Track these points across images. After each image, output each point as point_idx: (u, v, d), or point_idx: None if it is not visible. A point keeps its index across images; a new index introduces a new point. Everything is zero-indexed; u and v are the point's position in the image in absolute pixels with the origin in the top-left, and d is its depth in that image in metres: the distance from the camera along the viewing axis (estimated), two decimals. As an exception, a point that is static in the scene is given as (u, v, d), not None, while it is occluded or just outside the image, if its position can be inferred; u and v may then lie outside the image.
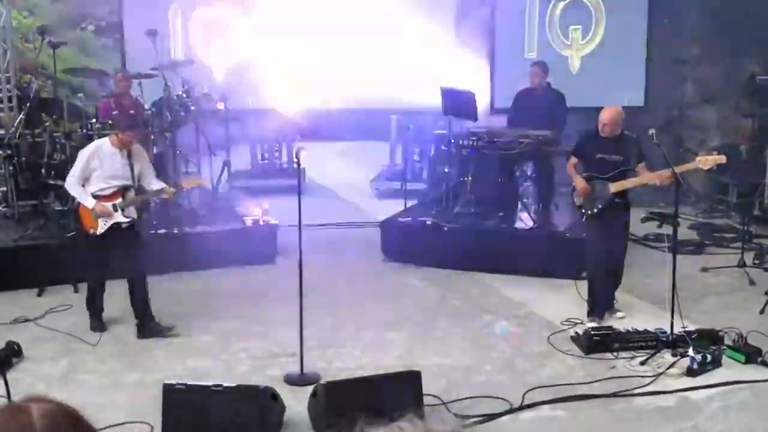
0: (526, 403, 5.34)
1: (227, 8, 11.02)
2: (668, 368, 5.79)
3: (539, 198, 9.00)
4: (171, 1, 11.03)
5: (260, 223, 8.63)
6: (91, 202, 6.37)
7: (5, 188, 9.05)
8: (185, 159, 9.21)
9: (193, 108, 8.86)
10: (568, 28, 10.94)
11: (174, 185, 7.16)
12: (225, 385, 4.91)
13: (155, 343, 6.45)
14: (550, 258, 7.93)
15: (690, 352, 5.81)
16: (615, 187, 6.61)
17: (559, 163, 8.22)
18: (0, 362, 5.66)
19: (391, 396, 4.88)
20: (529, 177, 9.32)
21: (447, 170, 9.16)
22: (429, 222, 8.67)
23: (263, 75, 10.90)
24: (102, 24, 14.75)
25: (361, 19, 11.24)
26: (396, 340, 6.51)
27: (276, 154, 12.03)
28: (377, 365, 5.94)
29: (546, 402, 5.37)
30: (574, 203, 6.98)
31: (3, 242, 7.96)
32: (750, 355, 5.91)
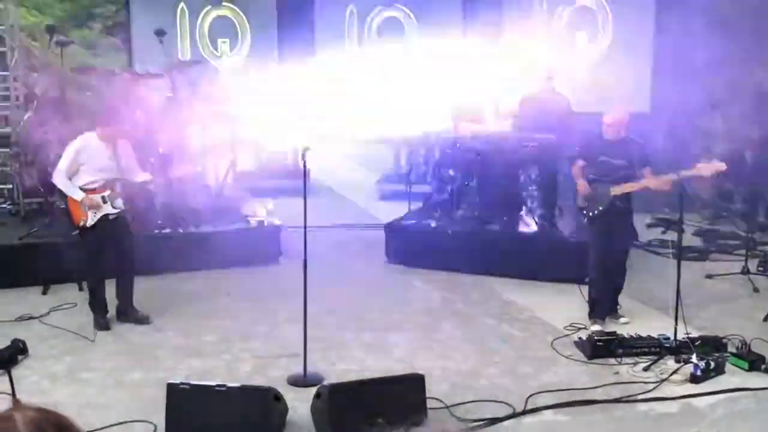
0: (529, 408, 5.34)
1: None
2: (671, 374, 5.78)
3: (543, 202, 9.00)
4: (179, 1, 11.05)
5: (264, 224, 8.64)
6: (80, 195, 6.53)
7: (11, 186, 9.10)
8: (190, 159, 9.21)
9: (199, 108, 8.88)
10: (574, 34, 10.95)
11: (166, 173, 7.49)
12: (228, 386, 4.92)
13: (159, 342, 6.47)
14: (554, 262, 7.94)
15: (693, 359, 5.81)
16: (616, 190, 6.65)
17: (564, 168, 8.21)
18: (5, 359, 5.68)
19: (395, 399, 4.89)
20: (534, 181, 9.31)
21: (452, 173, 9.16)
22: (433, 225, 8.68)
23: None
24: (109, 23, 14.83)
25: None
26: (399, 343, 6.51)
27: (281, 155, 12.06)
28: (380, 367, 5.94)
29: (549, 407, 5.36)
30: (578, 205, 7.03)
31: (9, 240, 8.00)
32: (753, 363, 5.91)
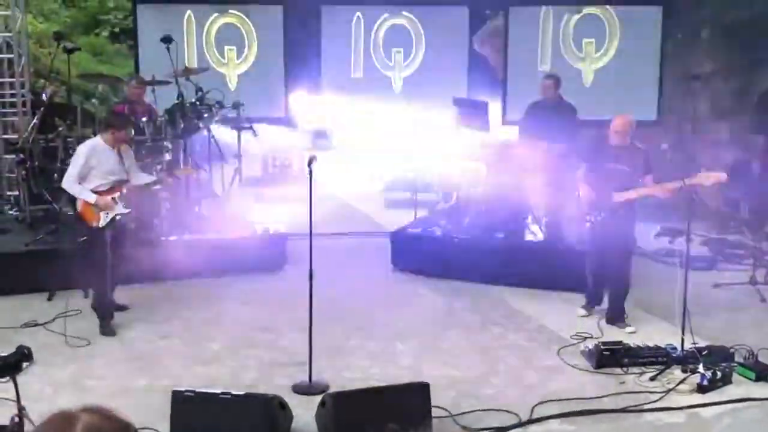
0: (535, 417, 5.31)
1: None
2: (678, 384, 5.75)
3: (550, 210, 8.98)
4: (186, 8, 11.08)
5: (270, 231, 8.66)
6: (93, 197, 6.75)
7: (18, 192, 9.11)
8: (197, 165, 9.22)
9: (206, 115, 8.89)
10: (582, 42, 10.94)
11: (169, 174, 7.57)
12: (233, 393, 4.90)
13: (164, 350, 6.46)
14: (561, 271, 7.91)
15: (700, 369, 5.78)
16: (618, 197, 6.70)
17: (570, 176, 8.19)
18: (10, 366, 5.66)
19: (400, 407, 4.88)
20: (539, 188, 9.28)
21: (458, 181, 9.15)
22: (439, 233, 8.67)
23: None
24: (116, 30, 14.89)
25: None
26: (405, 351, 6.49)
27: (287, 162, 12.08)
28: (386, 375, 5.93)
29: (555, 416, 5.33)
30: (580, 210, 7.13)
31: (15, 246, 8.01)
32: (760, 373, 5.88)
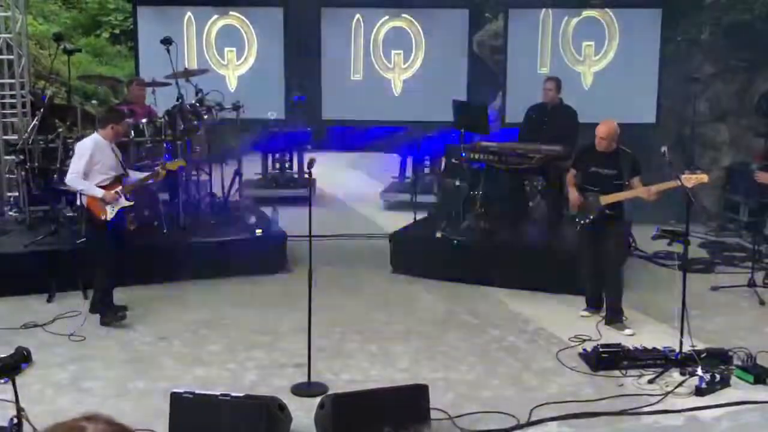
0: (533, 420, 5.32)
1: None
2: (676, 387, 5.75)
3: (549, 213, 8.99)
4: (186, 10, 11.08)
5: (269, 233, 8.66)
6: (101, 192, 6.86)
7: (17, 193, 9.11)
8: (196, 167, 9.22)
9: (206, 117, 8.90)
10: (581, 44, 10.95)
11: (162, 167, 7.58)
12: (232, 395, 4.91)
13: (163, 351, 6.47)
14: (559, 273, 7.91)
15: (699, 372, 5.78)
16: (605, 200, 6.88)
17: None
18: (9, 368, 5.66)
19: (398, 409, 4.88)
20: (539, 192, 9.31)
21: (457, 184, 9.15)
22: (438, 235, 8.67)
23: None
24: (116, 31, 14.89)
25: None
26: (404, 353, 6.50)
27: (287, 164, 12.09)
28: (384, 377, 5.94)
29: (553, 419, 5.34)
30: (569, 214, 7.38)
31: (14, 247, 8.01)
32: (759, 376, 5.88)
